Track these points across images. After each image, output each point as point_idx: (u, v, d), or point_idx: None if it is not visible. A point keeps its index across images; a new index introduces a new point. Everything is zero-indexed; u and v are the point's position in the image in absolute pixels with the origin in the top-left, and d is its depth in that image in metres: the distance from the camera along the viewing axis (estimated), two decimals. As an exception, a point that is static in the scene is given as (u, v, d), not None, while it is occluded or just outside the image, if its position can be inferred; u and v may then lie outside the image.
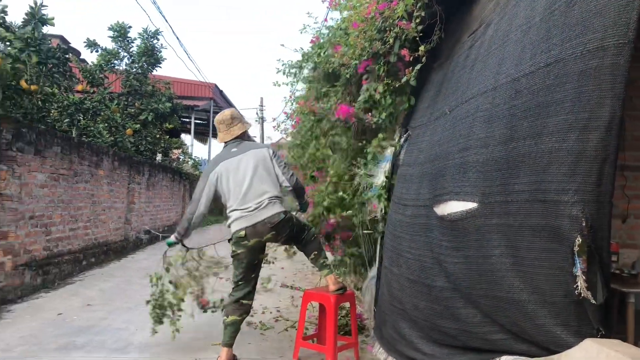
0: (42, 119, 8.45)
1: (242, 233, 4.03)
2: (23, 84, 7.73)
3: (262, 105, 38.03)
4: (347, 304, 4.75)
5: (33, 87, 7.79)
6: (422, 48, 4.00)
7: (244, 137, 4.41)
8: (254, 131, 38.91)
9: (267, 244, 4.22)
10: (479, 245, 2.70)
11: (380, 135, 4.60)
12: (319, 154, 5.52)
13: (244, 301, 4.15)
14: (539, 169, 2.28)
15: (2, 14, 8.00)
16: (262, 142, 37.98)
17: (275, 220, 4.03)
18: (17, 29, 8.22)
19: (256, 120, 36.90)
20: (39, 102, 8.47)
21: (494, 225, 2.58)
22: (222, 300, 4.99)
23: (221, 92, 24.03)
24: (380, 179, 4.70)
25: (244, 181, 4.10)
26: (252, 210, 4.04)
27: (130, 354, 4.30)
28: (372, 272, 4.78)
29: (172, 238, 4.58)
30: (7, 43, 7.99)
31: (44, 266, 6.74)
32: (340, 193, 5.24)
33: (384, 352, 4.01)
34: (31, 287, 6.33)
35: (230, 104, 26.39)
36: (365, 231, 4.98)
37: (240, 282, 4.15)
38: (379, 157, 4.69)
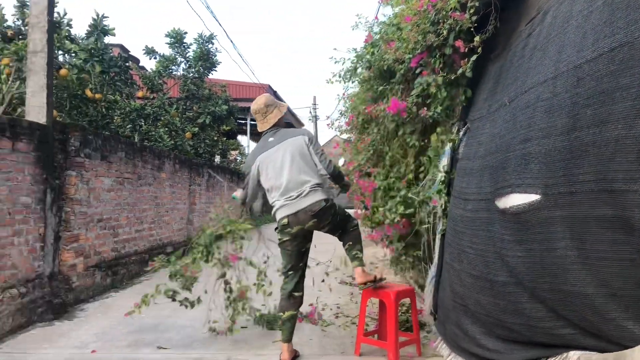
0: (106, 125, 8.83)
1: (285, 221, 4.11)
2: (88, 92, 8.10)
3: (315, 104, 38.27)
4: (408, 300, 4.74)
5: (97, 96, 8.14)
6: (477, 38, 3.93)
7: (280, 123, 4.41)
8: (308, 129, 39.15)
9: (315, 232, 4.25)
10: (542, 239, 2.63)
11: (439, 130, 4.54)
12: (390, 154, 5.50)
13: (296, 294, 4.22)
14: (604, 158, 2.20)
15: (68, 27, 8.40)
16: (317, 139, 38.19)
17: (317, 208, 4.06)
18: (80, 41, 8.62)
19: (309, 119, 37.16)
20: (103, 110, 8.85)
21: (557, 218, 2.51)
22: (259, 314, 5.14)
23: (275, 92, 24.31)
24: (439, 174, 4.65)
25: (282, 171, 4.15)
26: (294, 199, 4.09)
27: (196, 350, 4.43)
28: (433, 268, 4.74)
29: (238, 194, 4.71)
30: (73, 54, 8.39)
31: (113, 267, 7.03)
32: (403, 191, 5.19)
33: (447, 349, 3.98)
34: (101, 287, 6.62)
35: (284, 104, 26.69)
36: (424, 226, 4.93)
37: (289, 272, 4.24)
38: (439, 152, 4.64)
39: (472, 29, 3.99)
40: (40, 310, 5.19)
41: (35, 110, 5.62)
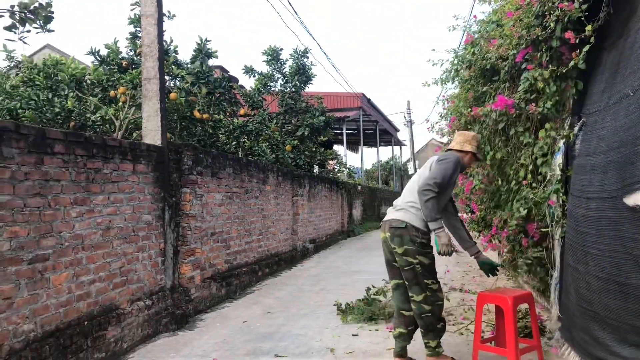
0: (213, 143, 9.26)
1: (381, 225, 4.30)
2: (196, 113, 8.55)
3: (409, 109, 37.86)
4: (525, 305, 4.55)
5: (205, 116, 8.57)
6: (588, 27, 3.74)
7: (458, 152, 4.25)
8: (403, 134, 38.84)
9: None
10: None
11: (548, 126, 4.35)
12: (499, 155, 5.35)
13: (403, 312, 4.17)
14: None
15: (175, 54, 8.93)
16: (412, 144, 37.82)
17: (393, 225, 4.07)
18: (186, 65, 9.12)
19: (404, 124, 36.83)
20: (210, 129, 9.29)
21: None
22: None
23: (369, 100, 24.37)
24: (555, 172, 4.44)
25: (409, 183, 4.34)
26: (393, 209, 4.24)
27: (313, 358, 4.51)
28: (556, 272, 4.52)
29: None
30: (180, 79, 8.89)
31: (226, 278, 7.33)
32: (523, 192, 5.01)
33: (576, 355, 3.77)
34: (217, 298, 6.91)
35: (378, 111, 26.65)
36: (542, 229, 4.72)
37: (392, 286, 4.30)
38: (547, 149, 4.44)
39: (582, 18, 3.81)
40: (165, 321, 5.51)
41: (151, 133, 6.01)
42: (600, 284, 3.27)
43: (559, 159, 4.40)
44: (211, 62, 9.29)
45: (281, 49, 13.69)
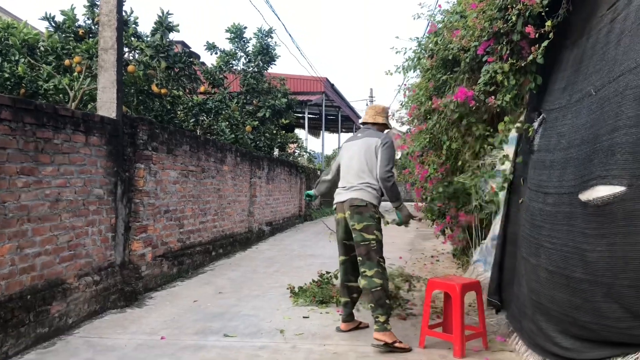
0: (171, 120, 9.07)
1: (334, 207, 4.63)
2: (154, 88, 8.34)
3: (371, 96, 38.01)
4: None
5: (163, 91, 8.37)
6: (548, 23, 3.79)
7: (377, 127, 4.77)
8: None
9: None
10: (626, 232, 2.52)
11: (507, 119, 4.41)
12: (454, 145, 5.42)
13: (347, 284, 4.69)
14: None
15: (134, 25, 8.67)
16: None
17: (354, 204, 4.39)
18: (146, 38, 8.87)
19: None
20: (167, 105, 9.09)
21: (643, 209, 2.39)
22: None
23: (332, 85, 24.32)
24: (507, 162, 4.53)
25: (350, 162, 4.59)
26: (346, 189, 4.51)
27: (262, 339, 4.50)
28: (476, 255, 4.62)
29: (312, 192, 5.20)
30: (139, 51, 8.65)
31: (179, 257, 7.24)
32: (462, 180, 5.11)
33: (524, 345, 3.88)
34: (168, 276, 6.82)
35: (341, 97, 26.65)
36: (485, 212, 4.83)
37: (340, 261, 4.73)
38: (505, 141, 4.52)
39: (542, 14, 3.86)
40: (113, 298, 5.40)
41: (106, 105, 5.84)
42: (549, 276, 3.36)
43: (510, 149, 4.49)
44: (173, 36, 9.04)
45: (245, 27, 13.50)
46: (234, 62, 13.29)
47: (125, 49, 8.28)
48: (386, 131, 4.84)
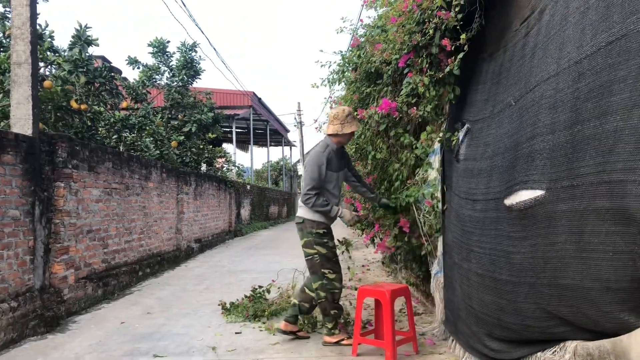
0: (92, 136, 8.74)
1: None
2: (73, 104, 8.03)
3: (299, 110, 38.25)
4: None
5: (83, 107, 8.07)
6: (463, 36, 3.95)
7: (332, 137, 4.82)
8: (293, 135, 39.18)
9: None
10: (546, 233, 2.66)
11: (429, 128, 4.56)
12: (379, 155, 5.51)
13: (305, 289, 4.80)
14: (604, 150, 2.22)
15: (50, 39, 8.33)
16: (302, 146, 38.24)
17: (296, 221, 4.78)
18: (63, 52, 8.54)
19: (295, 126, 37.15)
20: (88, 121, 8.76)
21: (560, 212, 2.53)
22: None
23: (259, 99, 24.31)
24: (432, 174, 4.67)
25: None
26: (299, 206, 4.79)
27: (193, 357, 4.39)
28: (435, 267, 4.76)
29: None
30: (56, 66, 8.31)
31: (104, 278, 6.95)
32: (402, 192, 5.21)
33: (461, 348, 3.99)
34: (93, 299, 6.53)
35: (268, 111, 26.67)
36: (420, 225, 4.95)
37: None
38: (428, 150, 4.66)
39: (458, 28, 4.02)
40: (33, 324, 5.10)
41: (21, 122, 5.55)
42: (479, 279, 3.48)
43: (434, 160, 4.63)
44: (92, 51, 8.77)
45: (168, 41, 13.30)
46: (157, 76, 13.05)
47: (41, 64, 7.94)
48: (324, 137, 4.96)
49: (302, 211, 4.69)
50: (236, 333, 5.08)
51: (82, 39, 8.23)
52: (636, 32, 2.08)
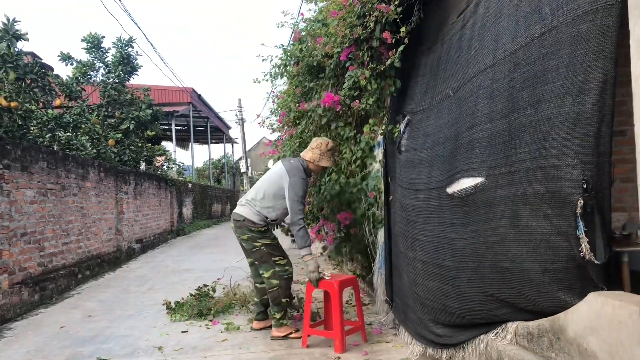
0: (23, 136, 8.35)
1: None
2: (2, 101, 7.64)
3: (240, 107, 37.86)
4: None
5: (13, 104, 7.69)
6: (403, 29, 4.01)
7: (309, 163, 4.72)
8: (235, 132, 38.76)
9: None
10: (486, 219, 2.75)
11: (371, 121, 4.62)
12: None
13: (257, 284, 4.93)
14: (539, 137, 2.32)
15: (-26, 33, 7.89)
16: (244, 143, 37.89)
17: (235, 218, 4.74)
18: (-10, 47, 8.11)
19: (236, 122, 36.78)
20: (19, 120, 8.36)
21: (499, 197, 2.63)
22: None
23: (199, 95, 23.91)
24: (375, 165, 4.73)
25: (263, 182, 4.78)
26: (239, 204, 4.81)
27: (140, 358, 4.29)
28: (378, 257, 4.83)
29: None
30: (-18, 61, 7.88)
31: (41, 282, 6.68)
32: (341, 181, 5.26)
33: (409, 335, 4.06)
34: (29, 304, 6.27)
35: (209, 108, 26.29)
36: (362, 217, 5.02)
37: (248, 262, 4.95)
38: (371, 143, 4.72)
39: (398, 21, 4.08)
40: (-36, 333, 4.85)
41: (-54, 120, 5.25)
42: (424, 267, 3.56)
43: (379, 152, 4.71)
44: (22, 46, 8.38)
45: (103, 37, 12.87)
46: (92, 73, 12.63)
47: (-34, 59, 7.53)
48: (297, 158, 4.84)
49: (244, 210, 4.68)
50: (182, 332, 5.00)
51: (10, 33, 7.83)
52: (566, 23, 2.18)
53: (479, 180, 2.81)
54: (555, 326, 2.36)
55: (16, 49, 7.90)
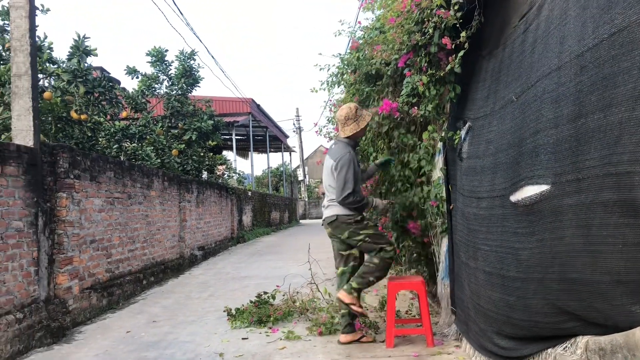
0: (92, 147, 8.75)
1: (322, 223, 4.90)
2: (73, 114, 8.04)
3: (298, 116, 38.33)
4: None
5: (83, 117, 8.08)
6: (463, 34, 3.95)
7: (351, 137, 4.78)
8: (292, 141, 39.18)
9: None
10: (553, 228, 2.64)
11: (430, 128, 4.56)
12: (375, 155, 5.52)
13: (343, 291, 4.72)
14: (610, 142, 2.21)
15: (49, 51, 8.34)
16: (301, 151, 38.24)
17: (328, 221, 4.73)
18: (62, 63, 8.55)
19: (294, 131, 37.21)
20: (88, 132, 8.77)
21: (566, 206, 2.52)
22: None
23: (258, 106, 24.32)
24: (436, 173, 4.66)
25: (324, 179, 4.88)
26: (324, 209, 4.85)
27: (202, 365, 4.37)
28: (440, 271, 4.77)
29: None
30: (55, 77, 8.32)
31: (108, 288, 6.94)
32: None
33: (471, 347, 3.97)
34: (98, 309, 6.52)
35: (267, 117, 26.70)
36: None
37: (338, 273, 4.90)
38: (431, 150, 4.66)
39: (457, 26, 4.02)
40: (39, 335, 5.09)
41: (22, 133, 5.55)
42: (486, 277, 3.47)
43: (439, 160, 4.63)
44: (91, 61, 8.79)
45: (166, 50, 13.33)
46: (156, 85, 13.08)
47: (41, 75, 7.95)
48: (337, 141, 4.95)
49: (332, 210, 4.67)
50: (243, 339, 5.06)
51: (80, 50, 8.24)
52: (639, 22, 2.07)
53: (544, 187, 2.71)
54: (630, 342, 2.23)
55: (86, 64, 8.29)
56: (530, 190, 2.85)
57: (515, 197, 3.03)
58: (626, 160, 2.13)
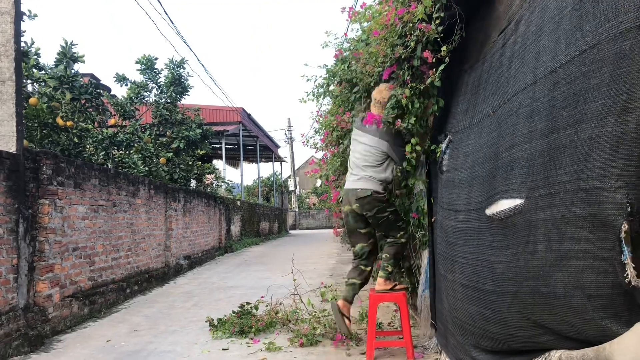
0: (79, 154, 8.71)
1: (340, 197, 4.96)
2: (59, 121, 8.01)
3: (290, 126, 38.37)
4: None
5: (69, 123, 8.04)
6: (444, 48, 3.98)
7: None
8: (284, 151, 39.18)
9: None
10: (526, 242, 2.66)
11: (414, 141, 4.58)
12: None
13: (361, 266, 4.83)
14: (580, 157, 2.23)
15: (36, 57, 8.32)
16: (292, 161, 38.20)
17: (360, 195, 4.63)
18: (49, 69, 8.53)
19: (285, 141, 37.22)
20: (75, 138, 8.73)
21: (539, 220, 2.53)
22: None
23: (249, 115, 24.33)
24: (419, 186, 4.67)
25: (355, 152, 4.87)
26: (352, 180, 4.75)
27: (180, 376, 4.34)
28: (421, 283, 4.77)
29: None
30: (42, 83, 8.29)
31: (90, 296, 6.88)
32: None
33: None
34: (79, 317, 6.46)
35: (258, 127, 26.70)
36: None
37: (355, 251, 4.91)
38: (413, 162, 4.67)
39: (439, 40, 4.05)
40: (16, 344, 5.03)
41: (5, 139, 5.52)
42: (464, 290, 3.47)
43: (421, 172, 4.64)
44: (79, 67, 8.77)
45: (156, 58, 13.32)
46: (145, 93, 13.06)
47: (27, 81, 7.93)
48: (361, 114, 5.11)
49: (366, 183, 4.69)
50: (223, 349, 5.03)
51: (67, 56, 8.22)
52: (607, 40, 2.10)
53: (518, 201, 2.73)
54: (600, 357, 2.24)
55: (73, 71, 8.26)
56: (505, 204, 2.86)
57: (490, 211, 3.04)
58: (595, 176, 2.15)
